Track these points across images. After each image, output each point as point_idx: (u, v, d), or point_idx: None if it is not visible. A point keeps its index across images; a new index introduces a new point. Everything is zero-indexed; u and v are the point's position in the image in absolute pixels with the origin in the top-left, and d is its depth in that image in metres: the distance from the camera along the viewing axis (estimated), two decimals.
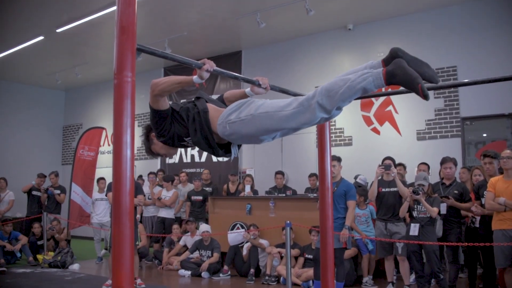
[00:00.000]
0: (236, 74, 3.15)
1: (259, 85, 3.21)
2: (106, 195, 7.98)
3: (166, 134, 3.14)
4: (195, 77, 2.87)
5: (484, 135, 9.57)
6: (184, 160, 13.04)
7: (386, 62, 2.67)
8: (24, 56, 12.51)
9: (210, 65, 2.81)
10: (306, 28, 10.83)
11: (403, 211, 6.63)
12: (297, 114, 2.63)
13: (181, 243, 9.35)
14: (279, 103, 2.71)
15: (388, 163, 7.08)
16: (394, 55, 2.61)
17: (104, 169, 13.15)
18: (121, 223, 2.26)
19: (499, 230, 5.85)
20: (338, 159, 6.87)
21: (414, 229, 6.40)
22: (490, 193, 5.96)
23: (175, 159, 13.18)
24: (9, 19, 10.20)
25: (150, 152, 3.45)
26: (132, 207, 2.35)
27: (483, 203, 6.31)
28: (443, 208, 6.74)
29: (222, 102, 3.36)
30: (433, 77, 2.59)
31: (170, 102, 3.14)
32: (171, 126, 3.13)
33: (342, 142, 10.51)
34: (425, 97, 2.44)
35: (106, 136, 14.74)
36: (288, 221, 6.85)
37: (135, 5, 2.44)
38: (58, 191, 11.04)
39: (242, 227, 8.82)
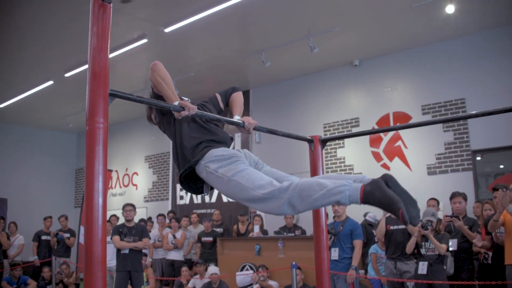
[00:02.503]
0: (218, 116, 3.10)
1: (243, 127, 3.18)
2: (111, 238, 7.91)
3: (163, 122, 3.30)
4: (174, 107, 2.84)
5: (500, 167, 9.37)
6: (195, 201, 12.97)
7: None
8: (34, 101, 12.69)
9: (190, 112, 2.80)
10: (311, 66, 10.85)
11: (410, 247, 6.45)
12: (266, 200, 2.60)
13: (190, 285, 9.19)
14: (255, 180, 2.67)
15: None
16: (384, 180, 2.47)
17: (117, 211, 13.11)
18: (92, 273, 2.19)
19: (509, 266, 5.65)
20: None
21: (423, 268, 6.21)
22: (499, 221, 5.78)
23: (186, 200, 13.12)
24: (19, 65, 10.41)
25: (150, 120, 3.58)
26: (104, 256, 2.27)
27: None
28: (454, 245, 6.55)
29: (227, 98, 3.49)
30: (414, 219, 2.38)
31: None
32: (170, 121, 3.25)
33: None
34: (406, 223, 2.33)
35: (118, 178, 14.78)
36: (294, 262, 6.70)
37: (107, 50, 2.43)
38: (67, 235, 11.01)
39: (251, 269, 8.67)
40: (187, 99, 3.23)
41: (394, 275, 6.73)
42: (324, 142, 3.92)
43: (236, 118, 3.28)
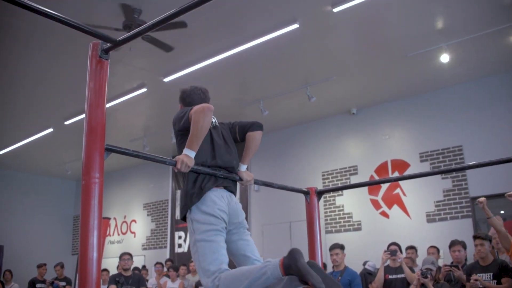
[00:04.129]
0: (214, 172, 3.13)
1: (240, 181, 3.25)
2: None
3: None
4: (169, 162, 2.95)
5: (502, 212, 9.34)
6: None
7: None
8: (34, 148, 12.76)
9: (182, 168, 2.91)
10: (309, 114, 10.94)
11: None
12: (204, 285, 2.90)
13: None
14: (207, 261, 2.92)
15: (393, 249, 6.87)
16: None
17: (115, 259, 12.99)
18: None
19: None
20: (341, 247, 6.70)
21: None
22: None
23: (184, 248, 13.02)
24: (19, 113, 10.53)
25: None
26: None
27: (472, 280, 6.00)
28: None
29: (244, 133, 3.45)
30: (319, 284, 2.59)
31: None
32: None
33: (351, 227, 10.33)
34: None
35: (116, 226, 14.70)
36: None
37: (104, 106, 2.47)
38: (63, 283, 10.87)
39: None
40: (214, 119, 3.38)
41: None
42: (320, 193, 3.94)
43: (242, 167, 3.40)
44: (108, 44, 2.50)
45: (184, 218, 3.17)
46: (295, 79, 9.17)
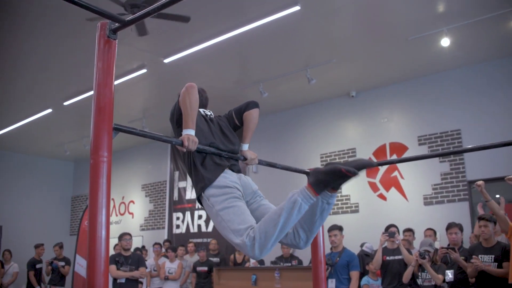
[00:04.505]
0: (219, 152, 3.17)
1: (244, 160, 3.26)
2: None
3: None
4: (175, 141, 3.01)
5: (497, 196, 9.42)
6: (191, 230, 12.94)
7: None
8: (33, 129, 12.76)
9: (190, 145, 2.94)
10: (309, 97, 10.96)
11: (407, 276, 6.45)
12: (239, 246, 2.82)
13: None
14: (235, 223, 2.86)
15: (392, 230, 6.95)
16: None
17: (113, 240, 13.06)
18: None
19: None
20: (339, 228, 6.78)
21: None
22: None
23: (182, 229, 13.11)
24: (19, 93, 10.51)
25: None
26: (106, 287, 2.31)
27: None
28: (450, 275, 6.55)
29: (240, 115, 3.51)
30: (355, 162, 2.63)
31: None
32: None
33: (348, 210, 10.41)
34: (353, 173, 2.52)
35: (114, 206, 14.76)
36: None
37: (112, 86, 2.48)
38: (62, 263, 10.94)
39: None
40: (209, 113, 3.31)
41: None
42: None
43: (244, 147, 3.47)
44: (116, 24, 2.50)
45: (199, 200, 3.18)
46: (296, 61, 9.17)
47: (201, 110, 3.40)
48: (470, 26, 7.84)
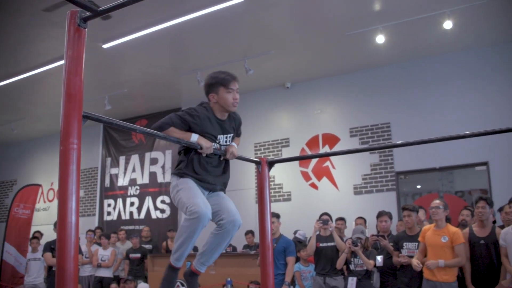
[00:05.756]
0: (178, 139, 3.26)
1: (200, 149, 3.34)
2: (42, 255, 7.72)
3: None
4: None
5: (418, 187, 9.98)
6: (123, 217, 12.84)
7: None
8: None
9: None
10: (245, 86, 11.01)
11: (340, 263, 6.76)
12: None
13: None
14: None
15: (325, 218, 7.21)
16: None
17: (40, 227, 12.74)
18: None
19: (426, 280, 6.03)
20: (276, 215, 6.98)
21: (352, 283, 6.52)
22: (422, 244, 6.17)
23: (113, 216, 12.98)
24: None
25: None
26: (76, 273, 2.35)
27: (401, 254, 6.49)
28: (380, 260, 6.91)
29: None
30: None
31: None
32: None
33: (281, 198, 10.66)
34: None
35: (42, 193, 14.37)
36: (229, 279, 6.84)
37: (82, 74, 2.51)
38: None
39: (182, 285, 8.70)
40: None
41: None
42: (271, 164, 4.13)
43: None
44: (87, 13, 2.53)
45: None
46: (234, 51, 9.27)
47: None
48: (404, 25, 8.22)
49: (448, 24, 7.95)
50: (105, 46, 8.67)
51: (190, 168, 3.33)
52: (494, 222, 6.37)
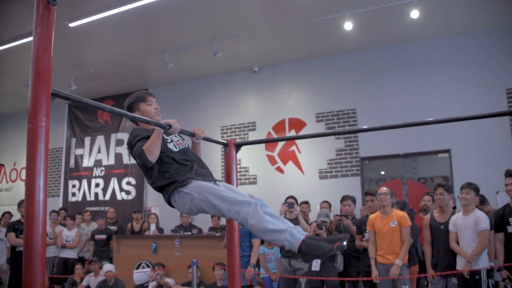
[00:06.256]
0: (146, 118, 3.25)
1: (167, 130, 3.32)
2: (5, 236, 7.64)
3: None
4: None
5: (382, 173, 10.18)
6: (88, 198, 12.74)
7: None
8: None
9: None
10: (213, 69, 11.08)
11: None
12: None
13: (84, 283, 9.05)
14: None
15: (291, 202, 7.30)
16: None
17: (3, 208, 12.55)
18: (33, 268, 2.27)
19: (380, 264, 6.22)
20: None
21: (316, 265, 6.64)
22: (371, 233, 6.34)
23: (78, 197, 12.87)
24: None
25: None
26: (44, 251, 2.36)
27: (364, 238, 6.65)
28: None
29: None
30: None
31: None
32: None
33: (247, 181, 10.73)
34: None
35: (5, 173, 14.14)
36: (195, 260, 6.89)
37: (51, 51, 2.51)
38: None
39: (148, 266, 8.74)
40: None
41: (288, 272, 7.08)
42: (238, 146, 4.17)
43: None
44: None
45: None
46: (203, 34, 9.23)
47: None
48: (371, 13, 8.31)
49: (415, 14, 8.08)
50: (72, 25, 8.52)
51: (172, 170, 3.19)
52: (455, 207, 6.55)
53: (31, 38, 2.49)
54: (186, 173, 3.15)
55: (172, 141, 3.37)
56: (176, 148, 3.32)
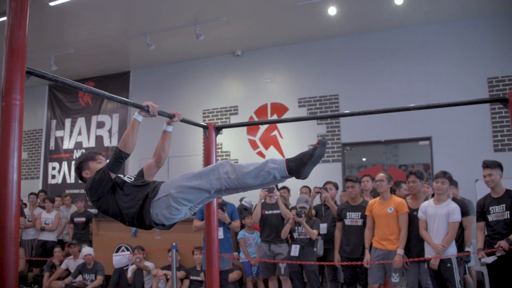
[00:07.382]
0: (125, 99, 3.21)
1: (147, 111, 3.26)
2: None
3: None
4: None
5: (363, 159, 10.22)
6: (68, 181, 12.64)
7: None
8: None
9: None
10: (196, 52, 10.99)
11: (285, 232, 6.88)
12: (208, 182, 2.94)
13: (63, 266, 9.00)
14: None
15: (271, 186, 7.28)
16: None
17: None
18: (6, 249, 2.25)
19: (374, 249, 6.25)
20: None
21: (295, 250, 6.66)
22: (369, 218, 6.35)
23: (58, 179, 12.76)
24: None
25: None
26: (17, 232, 2.32)
27: (346, 223, 6.66)
28: (323, 229, 7.08)
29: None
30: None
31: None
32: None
33: None
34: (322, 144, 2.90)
35: None
36: (174, 243, 6.86)
37: (26, 28, 2.44)
38: None
39: (127, 250, 8.70)
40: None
41: (268, 257, 7.11)
42: (218, 129, 4.15)
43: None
44: None
45: None
46: (185, 16, 9.13)
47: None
48: None
49: (399, 0, 8.07)
50: (52, 4, 8.38)
51: (136, 190, 3.13)
52: (433, 195, 6.60)
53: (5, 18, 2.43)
54: (151, 185, 3.11)
55: (126, 175, 3.31)
56: (132, 179, 3.26)
